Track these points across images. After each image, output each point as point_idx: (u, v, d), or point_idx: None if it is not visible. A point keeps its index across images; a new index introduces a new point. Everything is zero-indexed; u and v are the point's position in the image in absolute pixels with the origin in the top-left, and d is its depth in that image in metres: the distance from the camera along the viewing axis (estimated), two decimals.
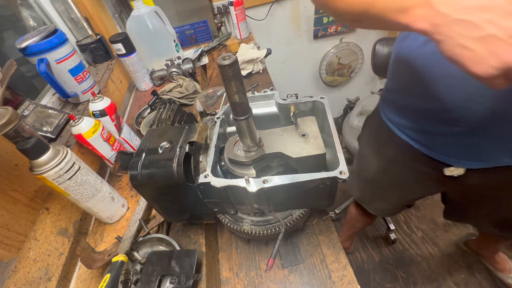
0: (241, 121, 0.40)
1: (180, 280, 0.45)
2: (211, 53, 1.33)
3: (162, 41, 1.14)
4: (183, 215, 0.53)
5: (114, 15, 1.35)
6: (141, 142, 0.48)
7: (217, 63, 0.33)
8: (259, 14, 1.60)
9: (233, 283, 0.54)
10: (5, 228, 0.49)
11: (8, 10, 0.95)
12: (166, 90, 1.00)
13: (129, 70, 1.06)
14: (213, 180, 0.42)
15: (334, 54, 1.86)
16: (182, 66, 1.07)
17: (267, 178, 0.41)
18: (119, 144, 0.71)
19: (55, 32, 0.77)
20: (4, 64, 0.65)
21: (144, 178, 0.43)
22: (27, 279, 0.48)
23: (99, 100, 0.68)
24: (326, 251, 0.55)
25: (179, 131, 0.48)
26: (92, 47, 1.05)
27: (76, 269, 0.57)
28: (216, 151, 0.48)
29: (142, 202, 0.61)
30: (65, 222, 0.59)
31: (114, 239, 0.57)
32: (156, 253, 0.51)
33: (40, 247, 0.52)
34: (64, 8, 1.01)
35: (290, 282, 0.52)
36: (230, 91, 0.36)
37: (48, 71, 0.74)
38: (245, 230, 0.48)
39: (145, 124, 0.86)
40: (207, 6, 1.38)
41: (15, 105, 0.67)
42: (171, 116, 0.59)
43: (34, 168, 0.47)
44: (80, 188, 0.53)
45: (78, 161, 0.52)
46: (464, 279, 1.30)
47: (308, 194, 0.45)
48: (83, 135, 0.61)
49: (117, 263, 0.48)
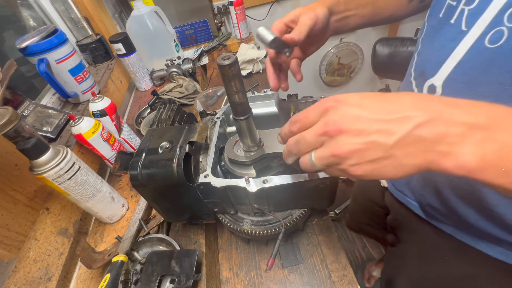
0: (241, 121, 0.40)
1: (180, 280, 0.45)
2: (211, 53, 1.33)
3: (162, 41, 1.14)
4: (183, 215, 0.53)
5: (114, 15, 1.35)
6: (141, 142, 0.48)
7: (217, 63, 0.33)
8: (259, 14, 1.60)
9: (233, 283, 0.54)
10: (5, 228, 0.49)
11: (8, 10, 0.95)
12: (166, 90, 1.00)
13: (129, 70, 1.06)
14: (213, 180, 0.42)
15: (334, 54, 1.86)
16: (182, 66, 1.07)
17: (267, 178, 0.41)
18: (119, 144, 0.71)
19: (55, 32, 0.77)
20: (4, 64, 0.65)
21: (144, 178, 0.43)
22: (27, 279, 0.48)
23: (99, 100, 0.68)
24: (326, 251, 0.55)
25: (179, 131, 0.48)
26: (92, 47, 1.05)
27: (76, 269, 0.57)
28: (216, 151, 0.48)
29: (142, 202, 0.61)
30: (65, 222, 0.59)
31: (114, 239, 0.57)
32: (156, 253, 0.51)
33: (40, 247, 0.52)
34: (64, 8, 1.01)
35: (290, 282, 0.52)
36: (230, 91, 0.36)
37: (48, 71, 0.74)
38: (245, 230, 0.48)
39: (145, 124, 0.86)
40: (207, 6, 1.38)
41: (15, 105, 0.67)
42: (171, 116, 0.59)
43: (34, 168, 0.47)
44: (80, 188, 0.53)
45: (78, 161, 0.52)
46: None
47: (308, 194, 0.45)
48: (83, 135, 0.61)
49: (117, 263, 0.48)
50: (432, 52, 0.43)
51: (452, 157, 0.22)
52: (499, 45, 0.33)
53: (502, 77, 0.34)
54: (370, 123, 0.24)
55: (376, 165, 0.25)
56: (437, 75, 0.41)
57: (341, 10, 0.50)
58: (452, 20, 0.39)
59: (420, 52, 0.47)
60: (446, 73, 0.40)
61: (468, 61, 0.37)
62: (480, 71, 0.36)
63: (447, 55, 0.39)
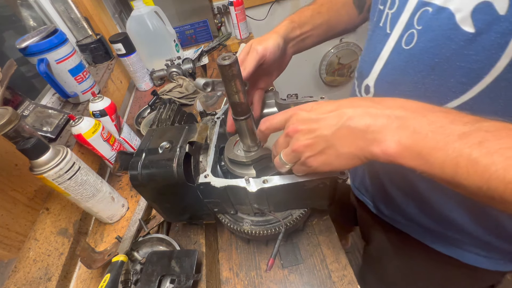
0: (241, 121, 0.40)
1: (180, 280, 0.45)
2: (211, 53, 1.33)
3: (162, 41, 1.14)
4: (183, 215, 0.53)
5: (114, 15, 1.35)
6: (141, 142, 0.48)
7: (217, 63, 0.33)
8: (259, 14, 1.60)
9: (233, 283, 0.54)
10: (5, 228, 0.49)
11: (8, 10, 0.95)
12: (166, 90, 1.00)
13: (129, 70, 1.06)
14: (213, 180, 0.42)
15: (334, 54, 1.86)
16: (182, 66, 1.07)
17: (267, 178, 0.41)
18: (119, 144, 0.71)
19: (55, 32, 0.77)
20: (4, 64, 0.65)
21: (144, 178, 0.43)
22: (27, 279, 0.48)
23: (99, 100, 0.68)
24: (326, 251, 0.55)
25: (179, 131, 0.48)
26: (92, 47, 1.05)
27: (76, 269, 0.57)
28: (216, 151, 0.48)
29: (142, 202, 0.61)
30: (65, 222, 0.59)
31: (114, 239, 0.57)
32: (156, 253, 0.51)
33: (40, 247, 0.52)
34: (64, 8, 1.01)
35: (290, 282, 0.52)
36: (230, 91, 0.36)
37: (48, 71, 0.74)
38: (245, 230, 0.48)
39: (145, 124, 0.86)
40: (207, 6, 1.38)
41: (15, 105, 0.67)
42: (171, 116, 0.59)
43: (34, 168, 0.47)
44: (80, 188, 0.53)
45: (78, 161, 0.52)
46: None
47: (308, 194, 0.45)
48: (83, 135, 0.61)
49: (117, 263, 0.48)
50: (367, 54, 0.46)
51: (377, 144, 0.26)
52: (412, 46, 0.36)
53: (416, 77, 0.37)
54: (316, 122, 0.30)
55: (325, 156, 0.30)
56: (370, 75, 0.44)
57: (297, 35, 0.53)
58: (381, 23, 0.42)
59: (363, 54, 0.50)
60: (376, 74, 0.43)
61: (391, 62, 0.40)
62: (400, 71, 0.39)
63: (376, 57, 0.42)
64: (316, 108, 0.32)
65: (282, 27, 0.51)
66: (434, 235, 0.50)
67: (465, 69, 0.32)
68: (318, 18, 0.54)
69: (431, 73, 0.35)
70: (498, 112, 0.32)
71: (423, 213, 0.49)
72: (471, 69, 0.31)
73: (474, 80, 0.31)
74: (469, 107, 0.33)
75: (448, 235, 0.48)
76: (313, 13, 0.54)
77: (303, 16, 0.54)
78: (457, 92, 0.33)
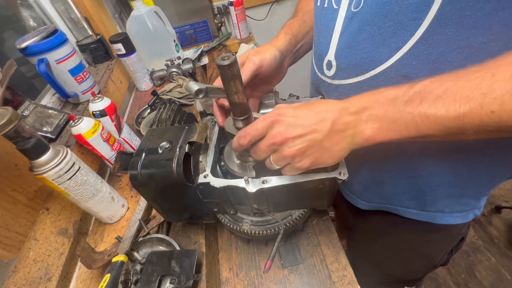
0: (241, 121, 0.40)
1: (180, 280, 0.45)
2: (211, 53, 1.33)
3: (162, 41, 1.14)
4: (183, 215, 0.53)
5: (114, 15, 1.35)
6: (141, 142, 0.48)
7: (216, 63, 0.33)
8: (259, 14, 1.60)
9: (233, 283, 0.54)
10: (5, 228, 0.49)
11: (8, 10, 0.95)
12: (166, 90, 1.00)
13: (129, 70, 1.06)
14: (212, 180, 0.42)
15: None
16: (182, 66, 1.07)
17: (267, 179, 0.41)
18: (119, 144, 0.71)
19: (55, 32, 0.77)
20: (4, 64, 0.65)
21: (144, 178, 0.43)
22: (27, 279, 0.48)
23: (99, 100, 0.68)
24: (326, 251, 0.55)
25: (179, 131, 0.48)
26: (92, 47, 1.05)
27: (76, 269, 0.57)
28: (216, 151, 0.48)
29: (142, 202, 0.61)
30: (65, 222, 0.59)
31: (114, 239, 0.57)
32: (156, 253, 0.51)
33: (40, 247, 0.53)
34: (64, 8, 1.01)
35: (290, 282, 0.52)
36: (229, 92, 0.36)
37: (48, 71, 0.74)
38: (244, 230, 0.48)
39: (145, 124, 0.86)
40: (207, 6, 1.38)
41: (15, 105, 0.67)
42: (171, 116, 0.59)
43: (34, 168, 0.47)
44: (80, 188, 0.53)
45: (78, 161, 0.52)
46: (464, 279, 1.30)
47: (307, 194, 0.45)
48: (83, 135, 0.61)
49: (117, 263, 0.48)
50: (321, 36, 0.49)
51: (359, 135, 0.34)
52: (361, 6, 0.39)
53: (372, 30, 0.39)
54: (304, 128, 0.34)
55: (316, 156, 0.35)
56: (329, 51, 0.47)
57: (293, 47, 0.56)
58: (325, 4, 0.45)
59: (315, 41, 0.54)
60: (334, 46, 0.46)
61: (346, 29, 0.43)
62: (356, 33, 0.41)
63: (331, 33, 0.45)
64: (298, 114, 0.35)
65: (279, 40, 0.53)
66: (411, 206, 0.54)
67: (414, 4, 0.34)
68: (304, 27, 0.57)
69: (385, 21, 0.37)
70: (450, 39, 0.33)
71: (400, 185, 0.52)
72: (419, 2, 0.33)
73: (424, 12, 0.33)
74: (425, 41, 0.35)
75: (427, 202, 0.51)
76: (300, 23, 0.57)
77: (293, 27, 0.56)
78: (411, 30, 0.35)
